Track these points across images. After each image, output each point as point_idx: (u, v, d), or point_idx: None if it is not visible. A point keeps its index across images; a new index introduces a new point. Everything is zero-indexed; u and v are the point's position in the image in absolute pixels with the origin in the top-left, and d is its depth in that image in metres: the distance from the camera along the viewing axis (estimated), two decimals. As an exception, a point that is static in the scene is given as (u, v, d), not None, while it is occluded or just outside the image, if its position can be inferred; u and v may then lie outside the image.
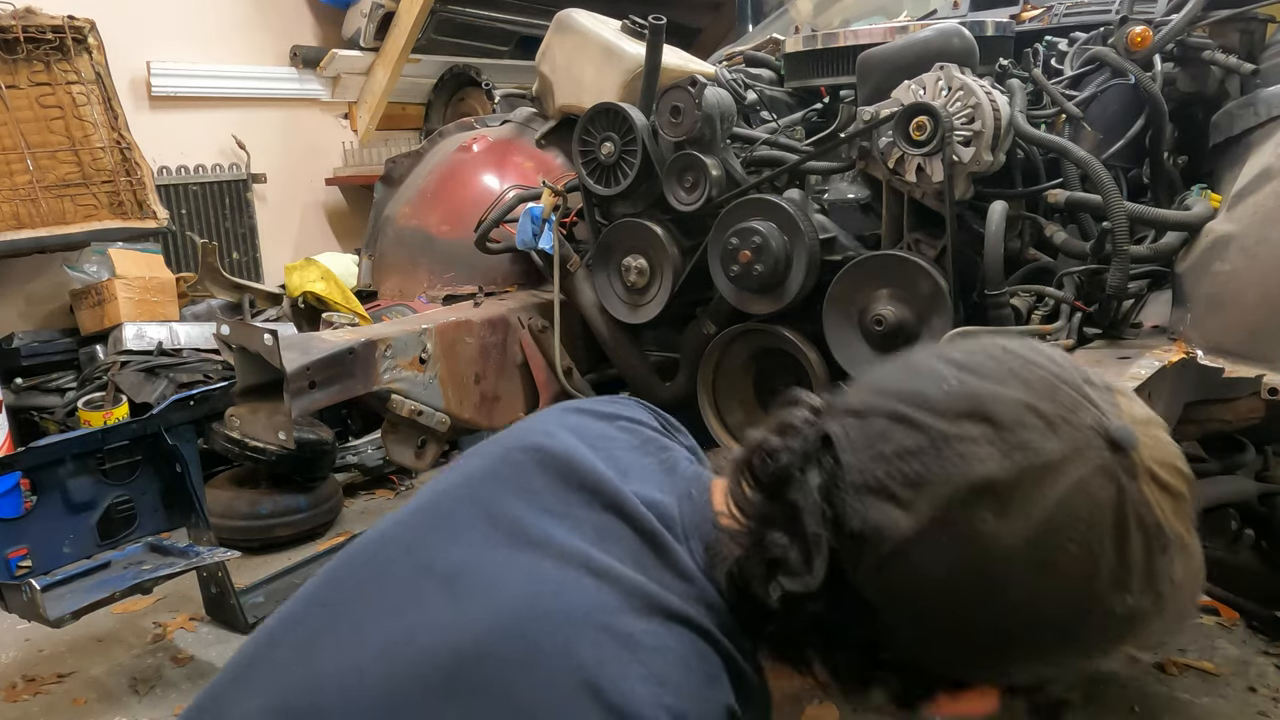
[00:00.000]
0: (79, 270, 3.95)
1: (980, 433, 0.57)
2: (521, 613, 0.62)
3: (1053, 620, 0.57)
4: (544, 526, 0.67)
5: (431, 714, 0.59)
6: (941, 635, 0.59)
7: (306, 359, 1.72)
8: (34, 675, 2.40)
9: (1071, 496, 0.55)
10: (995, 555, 0.56)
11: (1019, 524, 0.55)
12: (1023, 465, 0.56)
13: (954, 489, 0.56)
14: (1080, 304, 1.70)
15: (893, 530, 0.57)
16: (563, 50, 2.29)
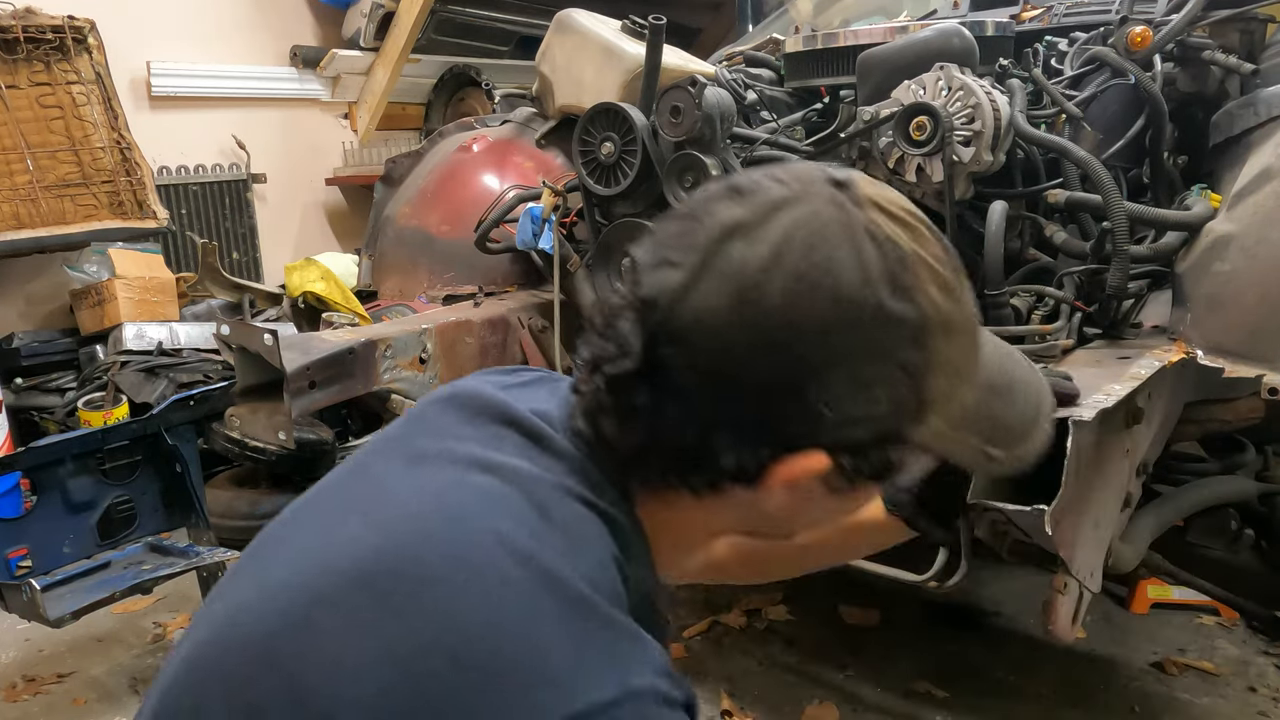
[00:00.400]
0: (79, 270, 3.95)
1: (728, 197, 0.69)
2: (425, 510, 0.69)
3: (815, 328, 0.65)
4: (442, 445, 0.75)
5: (348, 603, 0.64)
6: (734, 374, 0.66)
7: (306, 359, 1.72)
8: (34, 675, 2.40)
9: (804, 217, 0.67)
10: (748, 274, 0.65)
11: (763, 245, 0.65)
12: (760, 204, 0.67)
13: (708, 236, 0.67)
14: (1080, 304, 1.70)
15: (670, 283, 0.67)
16: (563, 50, 2.30)
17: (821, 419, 0.67)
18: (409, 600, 0.63)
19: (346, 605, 0.65)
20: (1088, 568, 1.35)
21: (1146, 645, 2.29)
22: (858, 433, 0.68)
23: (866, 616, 2.46)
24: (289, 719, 0.63)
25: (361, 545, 0.68)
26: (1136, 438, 1.44)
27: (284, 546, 0.75)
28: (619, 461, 0.73)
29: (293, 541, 0.75)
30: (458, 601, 0.63)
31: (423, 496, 0.70)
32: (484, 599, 0.63)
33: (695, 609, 2.58)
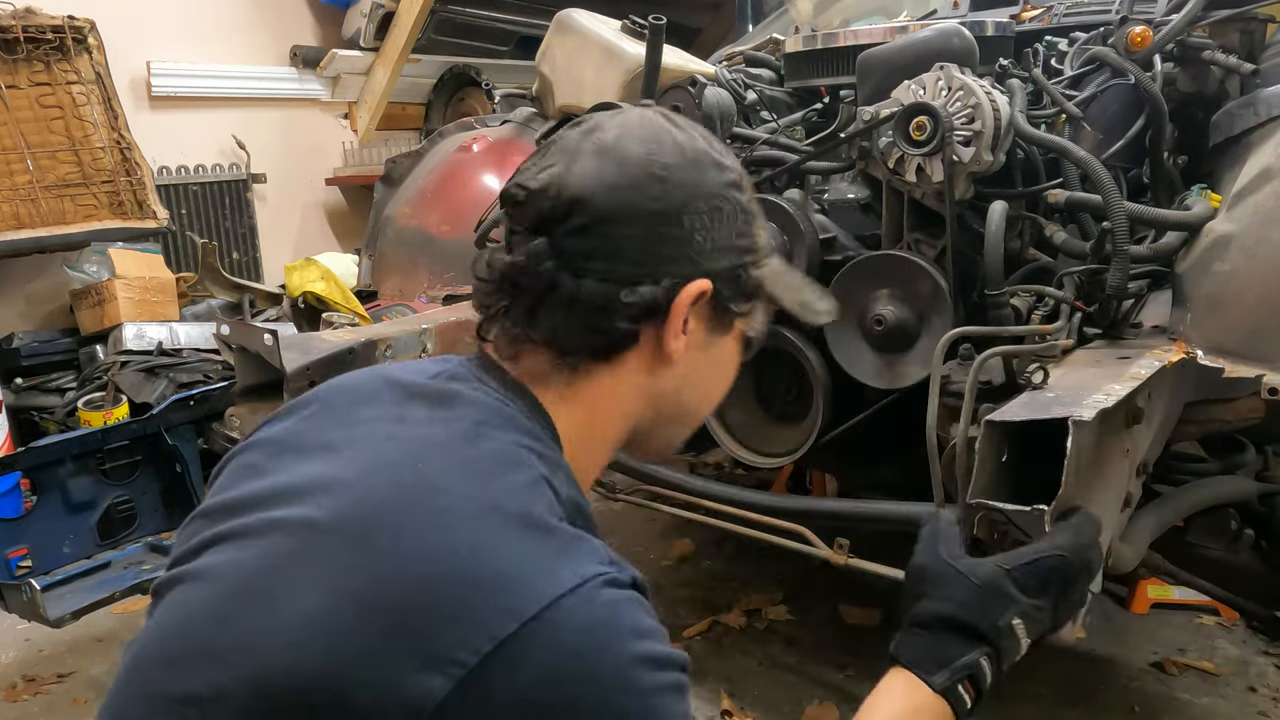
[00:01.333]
0: (79, 270, 3.95)
1: (566, 132, 0.89)
2: (375, 465, 0.78)
3: (674, 163, 0.85)
4: (365, 419, 0.84)
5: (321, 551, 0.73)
6: (629, 218, 0.83)
7: (306, 359, 1.72)
8: (34, 675, 2.40)
9: (628, 118, 0.89)
10: (611, 145, 0.85)
11: (612, 131, 0.86)
12: (586, 124, 0.88)
13: (569, 142, 0.86)
14: (1080, 304, 1.70)
15: (554, 171, 0.84)
16: (563, 50, 2.30)
17: (696, 244, 0.85)
18: (379, 545, 0.71)
19: (320, 553, 0.73)
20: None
21: (1146, 645, 2.29)
22: (723, 260, 0.88)
23: (866, 616, 2.47)
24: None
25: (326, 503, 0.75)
26: (1136, 438, 1.44)
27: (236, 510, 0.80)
28: (531, 374, 0.86)
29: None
30: (423, 539, 0.71)
31: (368, 457, 0.79)
32: (446, 534, 0.72)
33: (695, 609, 2.58)
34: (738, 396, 2.06)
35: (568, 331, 0.84)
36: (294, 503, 0.77)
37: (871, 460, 2.05)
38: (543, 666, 0.68)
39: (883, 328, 1.74)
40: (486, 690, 0.67)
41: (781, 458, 1.97)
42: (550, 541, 0.74)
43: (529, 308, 0.84)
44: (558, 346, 0.85)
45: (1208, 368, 1.55)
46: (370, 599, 0.69)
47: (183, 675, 0.72)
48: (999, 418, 1.29)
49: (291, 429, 0.87)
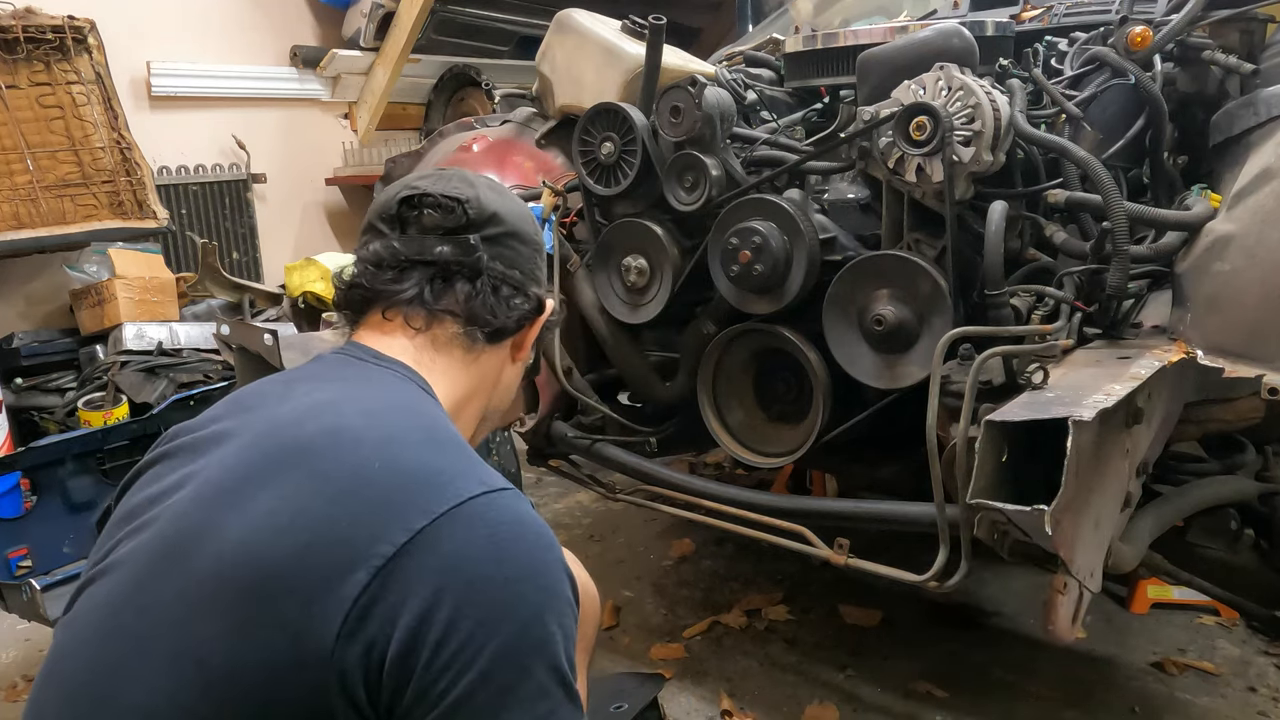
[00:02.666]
0: (79, 270, 3.95)
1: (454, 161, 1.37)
2: (324, 409, 0.95)
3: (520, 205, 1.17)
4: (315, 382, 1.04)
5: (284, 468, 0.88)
6: (516, 233, 1.14)
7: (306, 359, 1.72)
8: (34, 675, 2.40)
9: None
10: (498, 185, 1.19)
11: (480, 175, 1.17)
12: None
13: (451, 168, 1.20)
14: (1080, 304, 1.70)
15: (470, 191, 1.12)
16: (563, 50, 2.29)
17: (541, 274, 1.18)
18: (331, 462, 0.87)
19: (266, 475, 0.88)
20: (1088, 568, 1.35)
21: (1146, 645, 2.29)
22: (540, 284, 1.18)
23: (866, 616, 2.47)
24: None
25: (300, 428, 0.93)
26: (1136, 438, 1.44)
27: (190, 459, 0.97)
28: (435, 341, 1.08)
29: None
30: (352, 456, 0.87)
31: (315, 406, 0.95)
32: (367, 450, 0.88)
33: (695, 609, 2.58)
34: (737, 397, 2.06)
35: (484, 309, 1.08)
36: (220, 442, 0.94)
37: (871, 460, 2.05)
38: (453, 553, 0.80)
39: (883, 328, 1.74)
40: (403, 576, 0.78)
41: (781, 458, 1.97)
42: (463, 458, 0.90)
43: (455, 286, 1.07)
44: (473, 320, 1.08)
45: (1208, 368, 1.54)
46: (305, 508, 0.83)
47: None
48: (999, 418, 1.29)
49: (197, 437, 0.98)
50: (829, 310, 1.83)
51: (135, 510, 0.92)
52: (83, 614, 0.88)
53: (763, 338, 1.96)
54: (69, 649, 0.87)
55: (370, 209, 1.17)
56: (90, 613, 0.88)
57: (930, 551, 1.60)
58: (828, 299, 1.82)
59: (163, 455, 0.98)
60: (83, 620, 0.88)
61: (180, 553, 0.84)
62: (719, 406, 2.06)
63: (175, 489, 0.91)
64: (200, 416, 1.02)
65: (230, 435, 0.93)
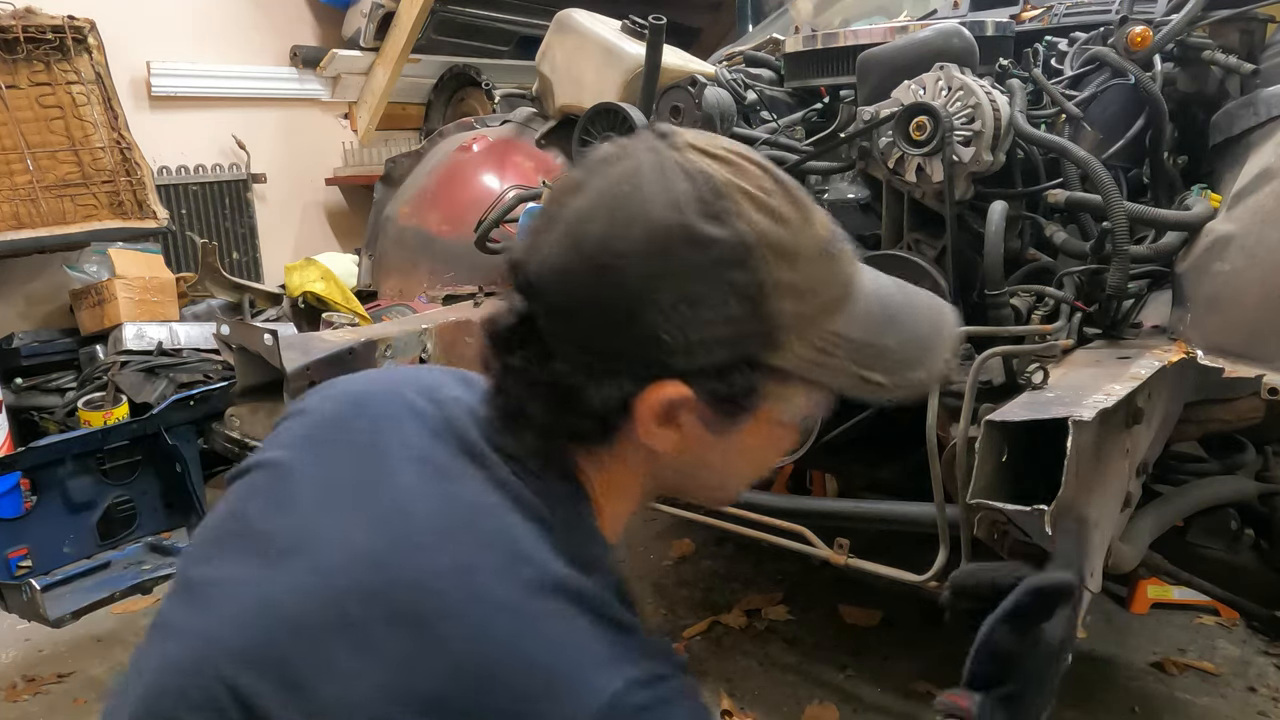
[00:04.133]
0: (79, 270, 3.95)
1: (574, 167, 0.76)
2: (410, 526, 0.72)
3: (642, 255, 0.69)
4: (394, 447, 0.78)
5: (356, 619, 0.67)
6: (585, 315, 0.71)
7: (306, 359, 1.72)
8: (34, 675, 2.40)
9: (623, 167, 0.72)
10: (578, 218, 0.71)
11: (590, 194, 0.72)
12: (591, 164, 0.74)
13: (553, 200, 0.75)
14: (1080, 304, 1.70)
15: (522, 248, 0.75)
16: (563, 50, 2.29)
17: (663, 343, 0.70)
18: (418, 625, 0.66)
19: (356, 622, 0.67)
20: (1088, 568, 1.35)
21: (1146, 645, 2.29)
22: (707, 357, 0.71)
23: (866, 616, 2.47)
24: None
25: (362, 553, 0.70)
26: (1136, 438, 1.44)
27: (261, 545, 0.76)
28: (540, 439, 0.76)
29: (273, 540, 0.76)
30: (460, 628, 0.65)
31: (395, 508, 0.73)
32: (485, 628, 0.65)
33: (695, 609, 2.58)
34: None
35: (541, 413, 0.75)
36: (312, 563, 0.72)
37: (871, 460, 2.04)
38: None
39: (883, 328, 1.73)
40: None
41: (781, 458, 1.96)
42: (596, 635, 0.67)
43: (511, 381, 0.76)
44: (535, 426, 0.75)
45: (1208, 368, 1.54)
46: (403, 690, 0.65)
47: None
48: (999, 418, 1.29)
49: (303, 460, 0.81)
50: (829, 310, 1.82)
51: (195, 569, 0.78)
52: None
53: (763, 338, 1.96)
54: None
55: None
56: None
57: (930, 551, 1.60)
58: (828, 299, 1.82)
59: (245, 501, 0.81)
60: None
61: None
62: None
63: (234, 591, 0.73)
64: (282, 450, 0.83)
65: (298, 549, 0.73)
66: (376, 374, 0.96)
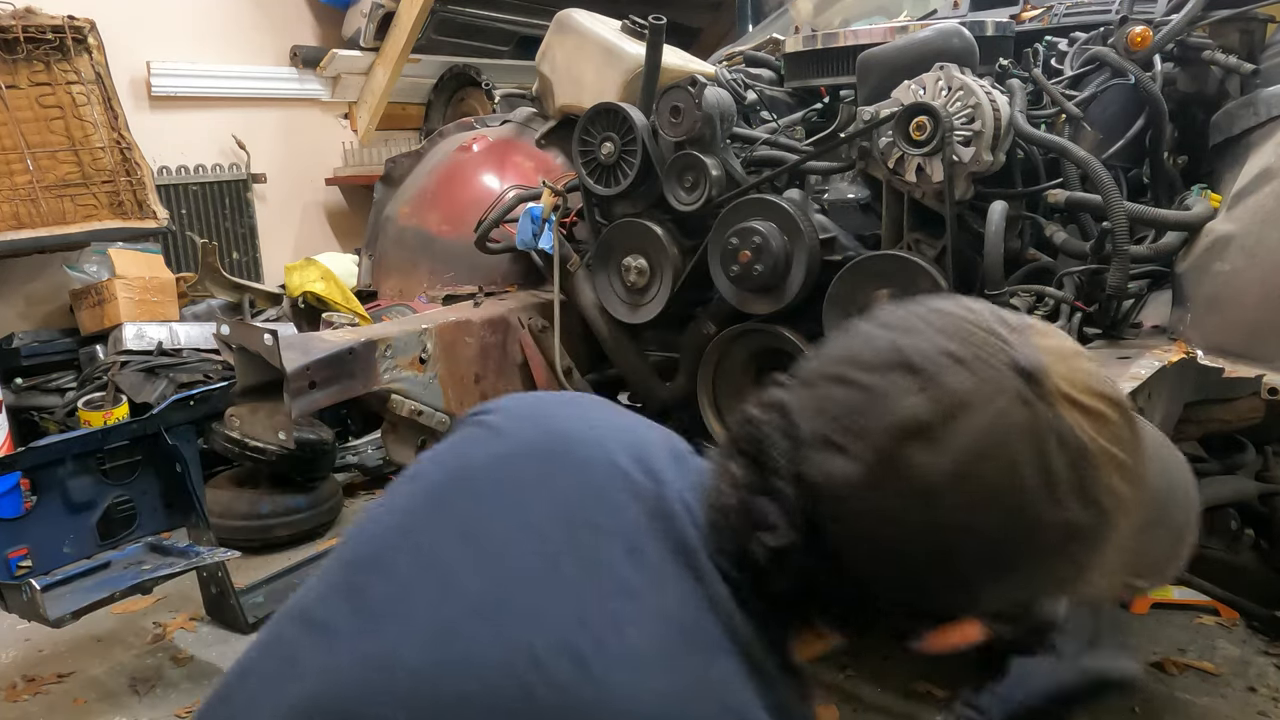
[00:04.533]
0: (79, 270, 3.94)
1: (905, 381, 0.64)
2: (585, 653, 0.65)
3: (995, 539, 0.63)
4: (587, 532, 0.72)
5: None
6: (903, 569, 0.65)
7: (306, 359, 1.72)
8: (34, 675, 2.40)
9: (989, 424, 0.62)
10: (930, 485, 0.62)
11: (946, 455, 0.62)
12: (943, 403, 0.63)
13: (887, 432, 0.63)
14: (1080, 304, 1.70)
15: (841, 475, 0.64)
16: (563, 50, 2.29)
17: (979, 600, 0.67)
18: None
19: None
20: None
21: (1146, 645, 2.28)
22: (1014, 608, 0.69)
23: (866, 616, 2.46)
24: None
25: (561, 647, 0.65)
26: (1136, 438, 1.44)
27: (444, 578, 0.71)
28: (765, 588, 0.70)
29: (422, 596, 0.70)
30: None
31: (581, 630, 0.66)
32: None
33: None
34: (737, 397, 2.06)
35: (809, 602, 0.70)
36: (501, 636, 0.67)
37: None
38: None
39: (883, 328, 1.73)
40: None
41: (781, 458, 1.96)
42: None
43: (774, 565, 0.68)
44: (772, 593, 0.70)
45: (1208, 368, 1.55)
46: None
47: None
48: (999, 418, 1.29)
49: (497, 489, 0.75)
50: (829, 310, 1.83)
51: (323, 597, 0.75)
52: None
53: (763, 338, 1.96)
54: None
55: None
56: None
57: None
58: (828, 299, 1.82)
59: (397, 530, 0.77)
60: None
61: None
62: (719, 406, 2.06)
63: (412, 623, 0.69)
64: (473, 466, 0.78)
65: (488, 614, 0.68)
66: (576, 409, 0.86)
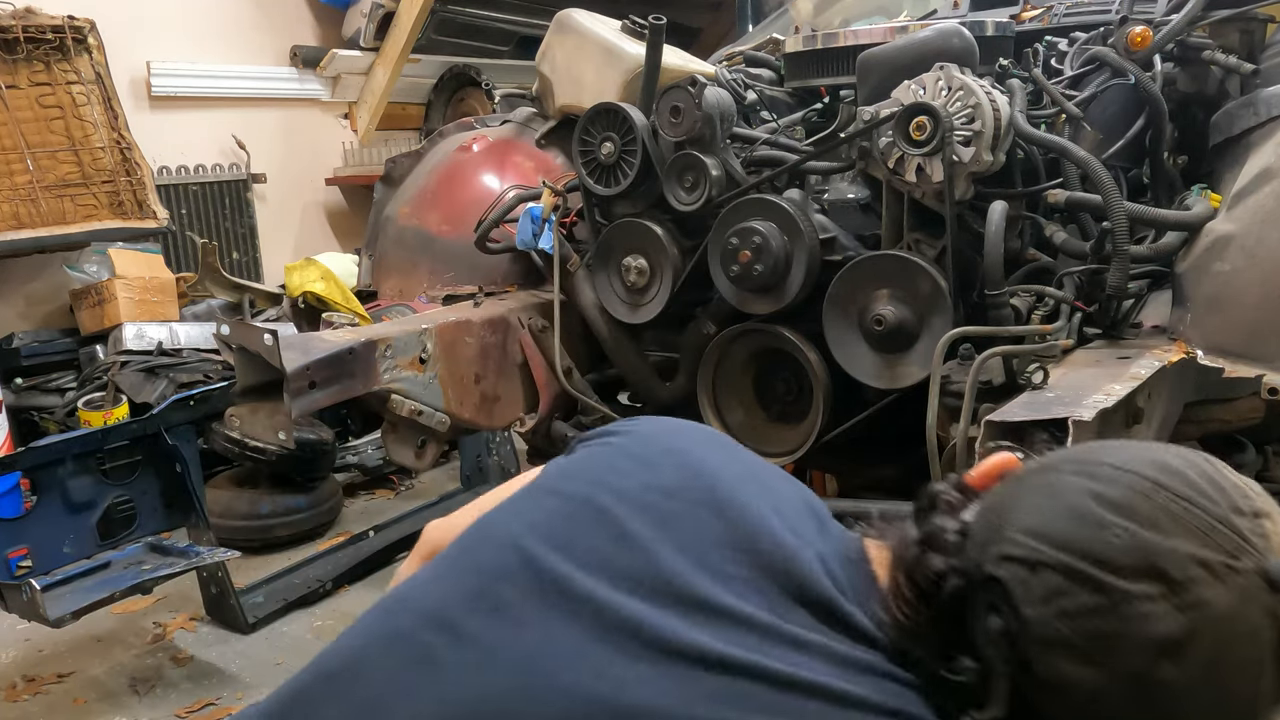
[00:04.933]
0: (79, 270, 3.94)
1: (1157, 591, 0.63)
2: None
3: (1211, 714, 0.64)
4: (722, 605, 0.69)
5: None
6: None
7: (306, 359, 1.72)
8: (34, 675, 2.40)
9: (1239, 639, 0.63)
10: (1174, 695, 0.63)
11: (1195, 669, 0.63)
12: (1197, 621, 0.63)
13: (1140, 648, 0.63)
14: (1080, 304, 1.70)
15: (1085, 684, 0.64)
16: (563, 50, 2.29)
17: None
18: None
19: None
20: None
21: None
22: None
23: (866, 616, 2.46)
24: None
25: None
26: (1136, 438, 1.44)
27: (601, 616, 0.69)
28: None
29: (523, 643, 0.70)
30: None
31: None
32: None
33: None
34: (737, 397, 2.06)
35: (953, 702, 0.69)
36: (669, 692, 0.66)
37: (871, 460, 2.04)
38: None
39: (883, 328, 1.74)
40: None
41: (781, 458, 1.97)
42: None
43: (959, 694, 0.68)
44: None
45: (1208, 368, 1.55)
46: None
47: None
48: (999, 418, 1.29)
49: (645, 522, 0.73)
50: (829, 310, 1.83)
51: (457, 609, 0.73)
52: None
53: (763, 338, 1.96)
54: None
55: None
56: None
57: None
58: (828, 299, 1.82)
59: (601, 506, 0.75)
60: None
61: None
62: (719, 406, 2.06)
63: (557, 661, 0.69)
64: (618, 496, 0.76)
65: (643, 684, 0.67)
66: (723, 451, 0.84)
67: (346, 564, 2.85)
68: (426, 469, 2.25)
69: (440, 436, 2.02)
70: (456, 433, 2.14)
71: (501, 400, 2.15)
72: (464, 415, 2.04)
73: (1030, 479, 0.73)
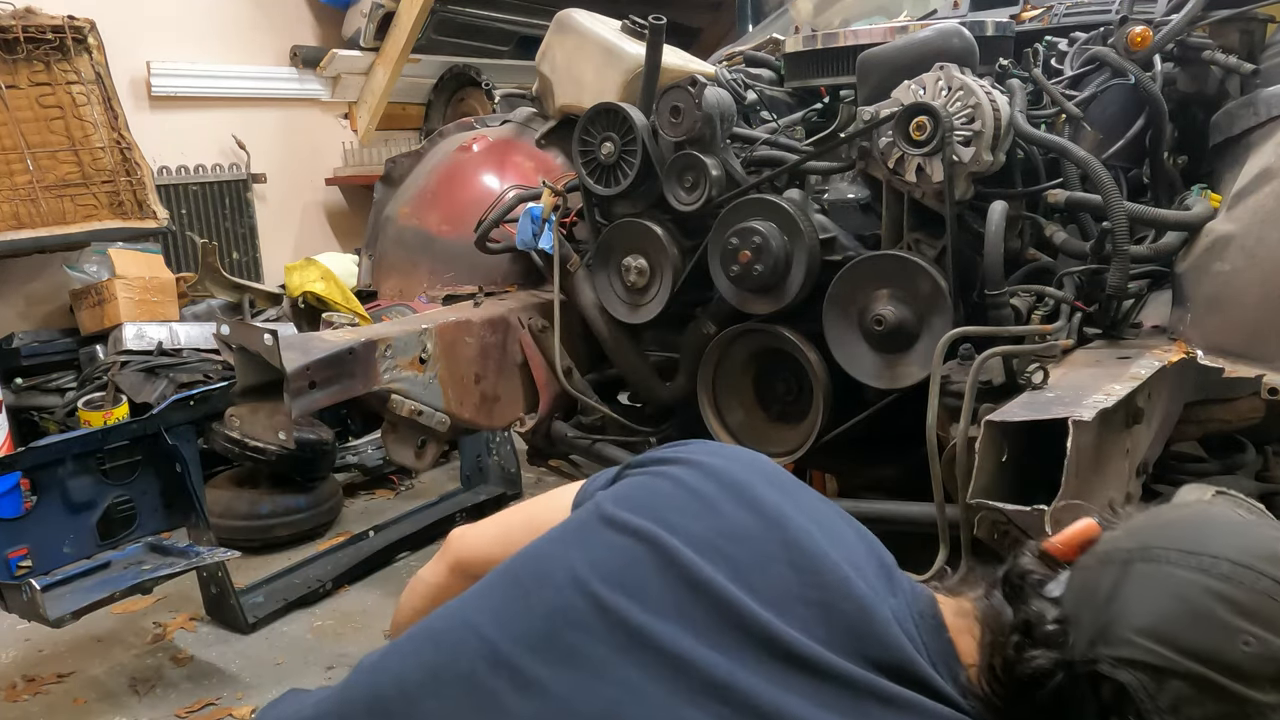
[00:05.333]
0: (79, 270, 3.94)
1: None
2: None
3: None
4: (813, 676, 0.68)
5: None
6: None
7: (306, 359, 1.72)
8: (34, 675, 2.40)
9: None
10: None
11: None
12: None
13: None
14: (1080, 304, 1.70)
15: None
16: (563, 50, 2.29)
17: None
18: None
19: None
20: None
21: (1146, 645, 2.28)
22: None
23: (866, 616, 2.46)
24: None
25: None
26: (1136, 438, 1.44)
27: (672, 665, 0.68)
28: None
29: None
30: None
31: None
32: None
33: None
34: (737, 397, 2.06)
35: None
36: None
37: (871, 460, 2.05)
38: None
39: (883, 328, 1.74)
40: None
41: (781, 458, 1.97)
42: None
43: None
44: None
45: (1208, 368, 1.55)
46: None
47: None
48: (999, 418, 1.29)
49: (716, 566, 0.72)
50: (829, 310, 1.83)
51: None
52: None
53: (763, 338, 1.96)
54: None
55: None
56: None
57: (930, 551, 1.60)
58: (828, 299, 1.82)
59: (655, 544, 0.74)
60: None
61: None
62: (719, 406, 2.06)
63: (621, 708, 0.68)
64: (686, 540, 0.74)
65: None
66: (775, 487, 0.83)
67: (346, 564, 2.85)
68: (426, 469, 2.25)
69: (440, 436, 2.02)
70: (456, 433, 2.14)
71: (501, 400, 2.15)
72: (464, 415, 2.05)
73: (1135, 569, 0.69)
